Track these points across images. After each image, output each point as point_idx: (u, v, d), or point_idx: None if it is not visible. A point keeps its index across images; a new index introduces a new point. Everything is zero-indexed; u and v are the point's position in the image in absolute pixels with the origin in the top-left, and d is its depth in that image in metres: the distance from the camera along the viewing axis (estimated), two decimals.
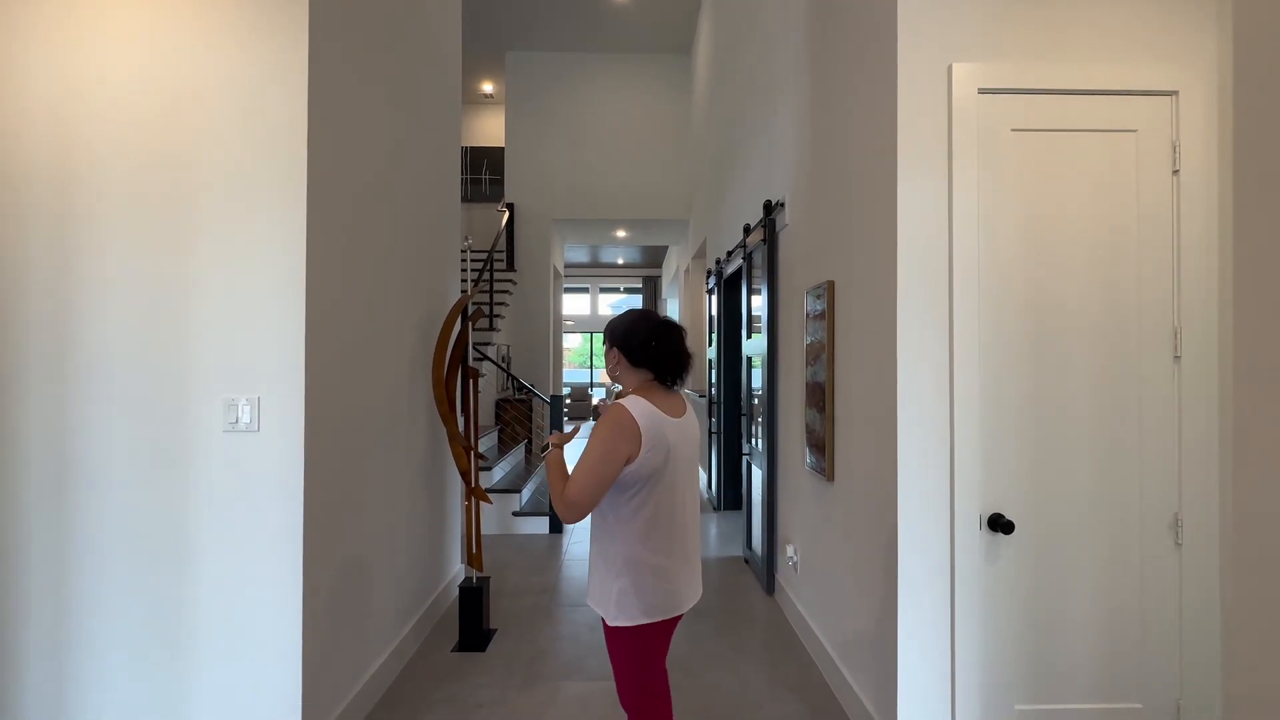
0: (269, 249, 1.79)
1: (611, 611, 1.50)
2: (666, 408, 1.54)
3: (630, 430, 1.44)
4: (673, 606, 1.53)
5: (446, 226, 3.31)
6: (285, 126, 1.79)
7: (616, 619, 1.50)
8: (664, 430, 1.49)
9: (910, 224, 1.83)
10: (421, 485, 2.85)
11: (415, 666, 2.56)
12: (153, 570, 1.78)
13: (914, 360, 1.83)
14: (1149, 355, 1.81)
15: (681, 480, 1.57)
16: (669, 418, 1.53)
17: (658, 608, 1.50)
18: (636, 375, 1.59)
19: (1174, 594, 1.81)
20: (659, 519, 1.51)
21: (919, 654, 1.82)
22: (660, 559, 1.51)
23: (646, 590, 1.49)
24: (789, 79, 3.08)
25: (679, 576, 1.55)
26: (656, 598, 1.50)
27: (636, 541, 1.49)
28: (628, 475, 1.46)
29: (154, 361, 1.78)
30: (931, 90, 1.83)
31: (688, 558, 1.59)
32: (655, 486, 1.49)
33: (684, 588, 1.57)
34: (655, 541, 1.50)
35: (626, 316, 1.63)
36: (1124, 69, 1.81)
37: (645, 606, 1.49)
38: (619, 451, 1.43)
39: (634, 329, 1.58)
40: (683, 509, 1.57)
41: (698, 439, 1.66)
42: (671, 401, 1.59)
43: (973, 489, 1.80)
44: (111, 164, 1.78)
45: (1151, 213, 1.81)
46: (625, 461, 1.44)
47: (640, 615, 1.49)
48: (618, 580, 1.50)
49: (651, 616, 1.50)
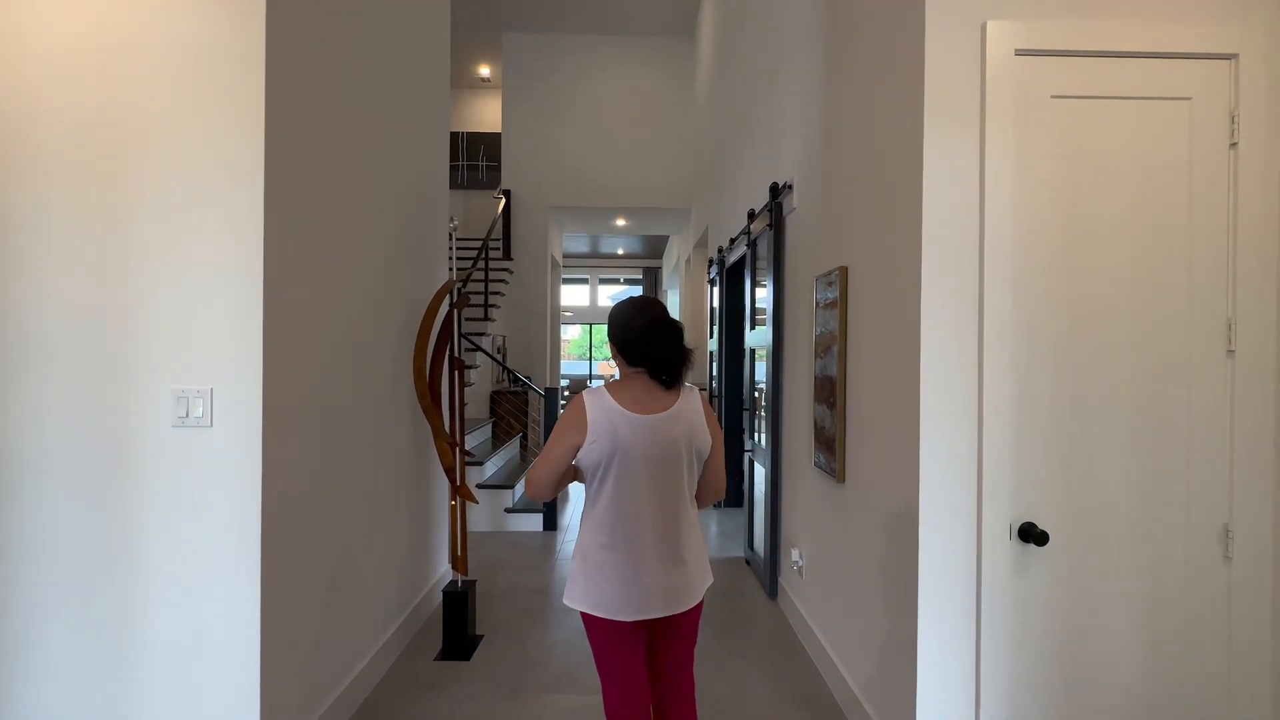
0: (222, 222, 1.61)
1: (567, 587, 1.53)
2: (636, 402, 1.47)
3: (578, 418, 1.47)
4: (611, 609, 1.45)
5: (434, 209, 3.12)
6: (240, 84, 1.60)
7: (566, 598, 1.53)
8: (615, 423, 1.45)
9: (937, 203, 1.65)
10: (404, 483, 2.67)
11: (394, 677, 2.40)
12: (94, 579, 1.61)
13: (939, 352, 1.65)
14: (1199, 349, 1.63)
15: (644, 479, 1.46)
16: (630, 412, 1.46)
17: (594, 603, 1.48)
18: (629, 369, 1.54)
19: (1222, 612, 1.64)
20: (610, 514, 1.48)
21: (940, 674, 1.66)
22: (604, 555, 1.48)
23: (590, 581, 1.49)
24: (799, 51, 2.88)
25: (623, 578, 1.46)
26: (593, 592, 1.48)
27: (589, 529, 1.52)
28: (582, 462, 1.48)
29: (94, 349, 1.60)
30: (963, 52, 1.64)
31: (643, 562, 1.46)
32: (606, 479, 1.47)
33: (628, 593, 1.45)
34: (603, 536, 1.49)
35: (623, 310, 1.56)
36: (1177, 29, 1.62)
37: (584, 597, 1.49)
38: (566, 437, 1.47)
39: (626, 329, 1.54)
40: (635, 510, 1.46)
41: (681, 437, 1.50)
42: (652, 396, 1.49)
43: (1002, 495, 1.62)
44: (44, 124, 1.59)
45: (1205, 191, 1.63)
46: (574, 448, 1.46)
47: (581, 602, 1.49)
48: (574, 560, 1.55)
49: (592, 610, 1.48)
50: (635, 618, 1.46)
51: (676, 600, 1.50)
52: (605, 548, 1.48)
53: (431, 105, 3.05)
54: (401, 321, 2.63)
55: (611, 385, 1.52)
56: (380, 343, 2.41)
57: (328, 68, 1.96)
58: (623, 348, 1.53)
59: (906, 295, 1.74)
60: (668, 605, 1.48)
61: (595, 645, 1.52)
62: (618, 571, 1.47)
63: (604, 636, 1.50)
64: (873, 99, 2.01)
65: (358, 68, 2.19)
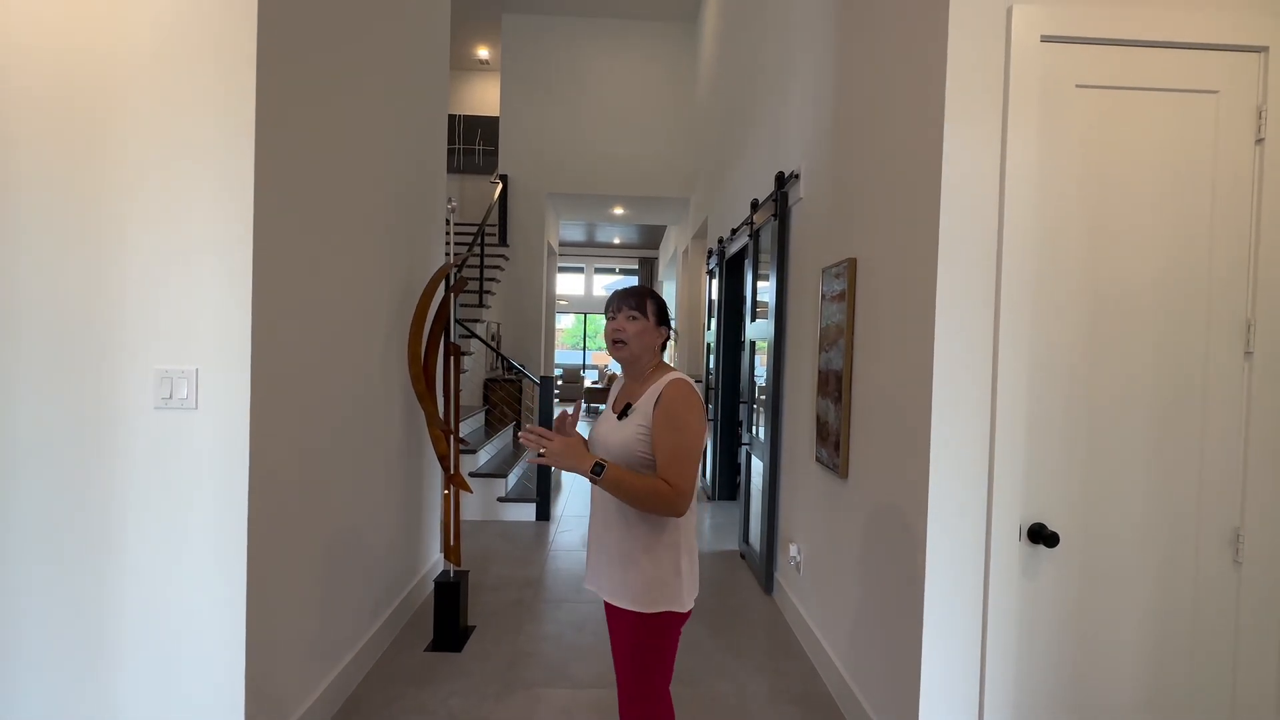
0: (210, 194, 1.53)
1: (653, 599, 1.40)
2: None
3: (701, 406, 1.41)
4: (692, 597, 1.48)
5: (431, 190, 3.03)
6: (230, 53, 1.52)
7: (657, 605, 1.40)
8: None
9: (956, 194, 1.59)
10: (396, 470, 2.61)
11: (383, 669, 2.35)
12: (72, 567, 1.54)
13: (952, 347, 1.61)
14: (1216, 349, 1.59)
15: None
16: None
17: (690, 594, 1.46)
18: (657, 353, 1.50)
19: (1230, 617, 1.61)
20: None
21: (943, 676, 1.62)
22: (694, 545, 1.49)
23: (691, 576, 1.45)
24: (810, 37, 2.81)
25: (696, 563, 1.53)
26: (690, 586, 1.46)
27: (681, 527, 1.44)
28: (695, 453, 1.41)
29: (71, 326, 1.52)
30: (987, 37, 1.58)
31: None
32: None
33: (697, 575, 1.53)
34: (690, 527, 1.47)
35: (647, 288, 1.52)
36: (1206, 18, 1.57)
37: (687, 595, 1.44)
38: (703, 427, 1.40)
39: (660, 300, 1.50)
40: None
41: None
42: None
43: (1013, 495, 1.59)
44: (12, 87, 1.50)
45: (1229, 188, 1.59)
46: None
47: (688, 600, 1.44)
48: (669, 562, 1.42)
49: (684, 605, 1.44)
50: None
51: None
52: (694, 535, 1.49)
53: (430, 85, 2.96)
54: (396, 305, 2.56)
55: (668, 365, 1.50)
56: (374, 326, 2.34)
57: (323, 38, 1.87)
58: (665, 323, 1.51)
59: (920, 289, 1.69)
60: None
61: (667, 645, 1.44)
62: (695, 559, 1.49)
63: (678, 631, 1.46)
64: (890, 86, 1.95)
65: (354, 42, 2.10)
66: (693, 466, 1.35)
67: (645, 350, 1.46)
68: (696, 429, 1.36)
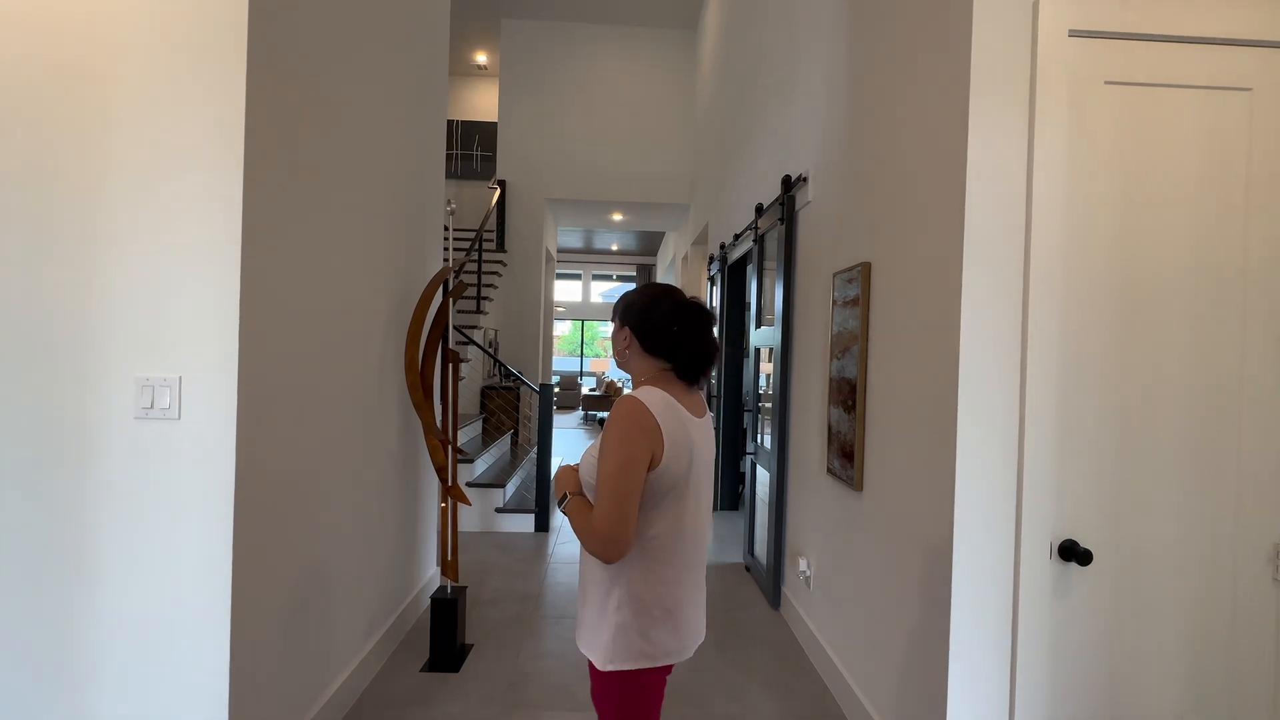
0: (195, 194, 1.44)
1: (603, 654, 1.22)
2: (686, 403, 1.25)
3: (649, 426, 1.14)
4: (677, 651, 1.25)
5: (430, 194, 2.96)
6: (220, 47, 1.43)
7: (608, 663, 1.21)
8: (688, 428, 1.20)
9: (981, 196, 1.52)
10: (392, 482, 2.52)
11: (377, 690, 2.24)
12: (47, 585, 1.44)
13: (978, 355, 1.53)
14: (1253, 357, 1.52)
15: (702, 495, 1.28)
16: (693, 415, 1.23)
17: (662, 650, 1.22)
18: (650, 364, 1.28)
19: (1271, 638, 1.53)
20: (671, 542, 1.22)
21: (970, 701, 1.54)
22: (675, 594, 1.23)
23: (657, 628, 1.22)
24: (819, 36, 2.75)
25: (687, 614, 1.26)
26: (660, 639, 1.22)
27: (646, 568, 1.20)
28: (652, 485, 1.17)
29: (49, 332, 1.43)
30: (1012, 32, 1.52)
31: (698, 589, 1.30)
32: (671, 501, 1.21)
33: (692, 627, 1.28)
34: (665, 570, 1.22)
35: (647, 290, 1.30)
36: (1240, 13, 1.51)
37: (647, 649, 1.21)
38: (640, 454, 1.13)
39: (654, 305, 1.27)
40: (696, 530, 1.27)
41: (714, 445, 1.35)
42: (692, 400, 1.29)
43: (1043, 511, 1.51)
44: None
45: (1263, 185, 1.52)
46: (650, 466, 1.15)
47: (640, 658, 1.21)
48: (617, 614, 1.21)
49: (654, 661, 1.22)
50: (694, 649, 1.29)
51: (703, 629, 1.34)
52: (675, 583, 1.22)
53: (429, 88, 2.89)
54: (392, 310, 2.47)
55: (655, 382, 1.24)
56: (369, 332, 2.25)
57: (318, 40, 1.80)
58: (650, 330, 1.25)
59: (943, 294, 1.62)
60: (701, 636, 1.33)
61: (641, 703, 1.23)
62: (685, 608, 1.24)
63: (655, 690, 1.26)
64: (908, 84, 1.88)
65: (351, 45, 2.02)
66: (612, 502, 1.10)
67: (636, 363, 1.29)
68: (615, 454, 1.12)
